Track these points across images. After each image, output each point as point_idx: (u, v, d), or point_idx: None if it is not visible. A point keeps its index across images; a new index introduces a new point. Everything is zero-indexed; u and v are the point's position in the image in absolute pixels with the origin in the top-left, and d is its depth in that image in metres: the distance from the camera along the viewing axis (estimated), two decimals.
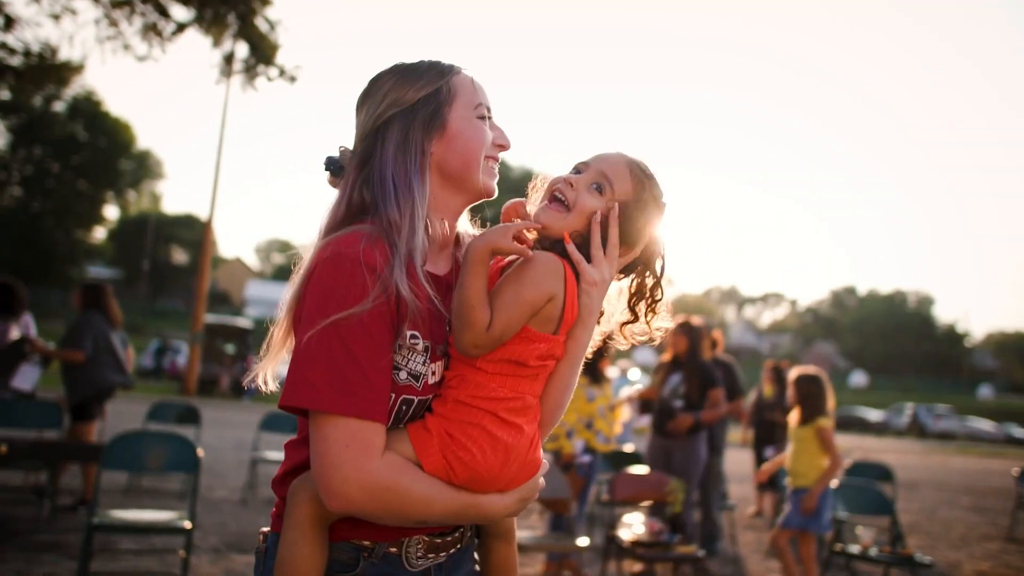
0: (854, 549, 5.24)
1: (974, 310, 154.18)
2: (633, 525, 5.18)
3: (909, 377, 66.96)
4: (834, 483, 5.79)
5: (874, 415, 39.46)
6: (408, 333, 1.30)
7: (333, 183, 1.47)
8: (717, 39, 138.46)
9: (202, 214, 57.94)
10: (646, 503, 5.50)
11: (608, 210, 1.43)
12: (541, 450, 1.44)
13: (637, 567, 6.03)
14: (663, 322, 1.56)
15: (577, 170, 1.47)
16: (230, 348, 26.82)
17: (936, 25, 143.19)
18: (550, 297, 1.34)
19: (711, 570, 6.46)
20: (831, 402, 5.60)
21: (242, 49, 9.39)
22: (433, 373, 1.36)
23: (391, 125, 1.40)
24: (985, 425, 40.15)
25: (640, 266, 1.53)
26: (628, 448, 7.18)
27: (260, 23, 9.03)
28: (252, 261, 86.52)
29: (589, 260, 1.41)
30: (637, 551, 4.80)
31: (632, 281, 1.54)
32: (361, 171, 1.41)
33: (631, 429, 8.78)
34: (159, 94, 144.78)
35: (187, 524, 4.34)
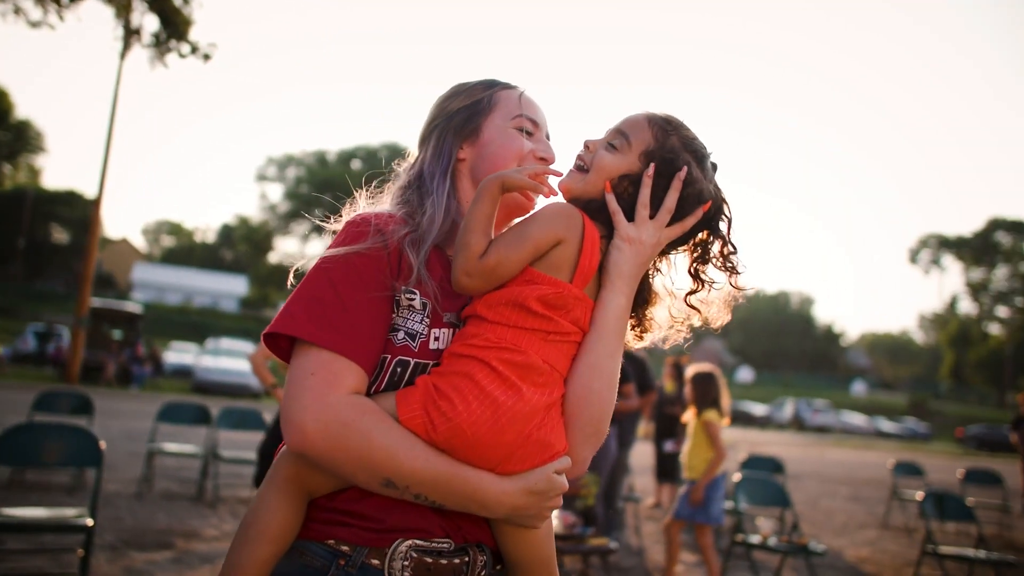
0: (754, 539, 5.50)
1: (850, 311, 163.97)
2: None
3: (790, 373, 70.42)
4: (736, 476, 6.06)
5: (759, 409, 41.33)
6: (404, 288, 1.28)
7: None
8: (712, 39, 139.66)
9: (85, 191, 54.73)
10: None
11: (660, 167, 1.32)
12: (563, 438, 1.26)
13: None
14: (745, 280, 1.39)
15: None
16: (117, 334, 25.52)
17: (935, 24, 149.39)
18: (557, 240, 1.25)
19: (616, 561, 6.63)
20: (726, 399, 5.87)
21: (151, 22, 8.86)
22: (436, 339, 1.29)
23: (434, 133, 1.50)
24: (857, 419, 42.79)
25: (700, 231, 1.38)
26: None
27: None
28: (139, 243, 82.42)
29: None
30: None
31: (694, 247, 1.40)
32: (408, 174, 1.50)
33: None
34: (43, 62, 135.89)
35: (88, 521, 4.13)
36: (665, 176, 1.32)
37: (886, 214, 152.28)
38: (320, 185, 47.22)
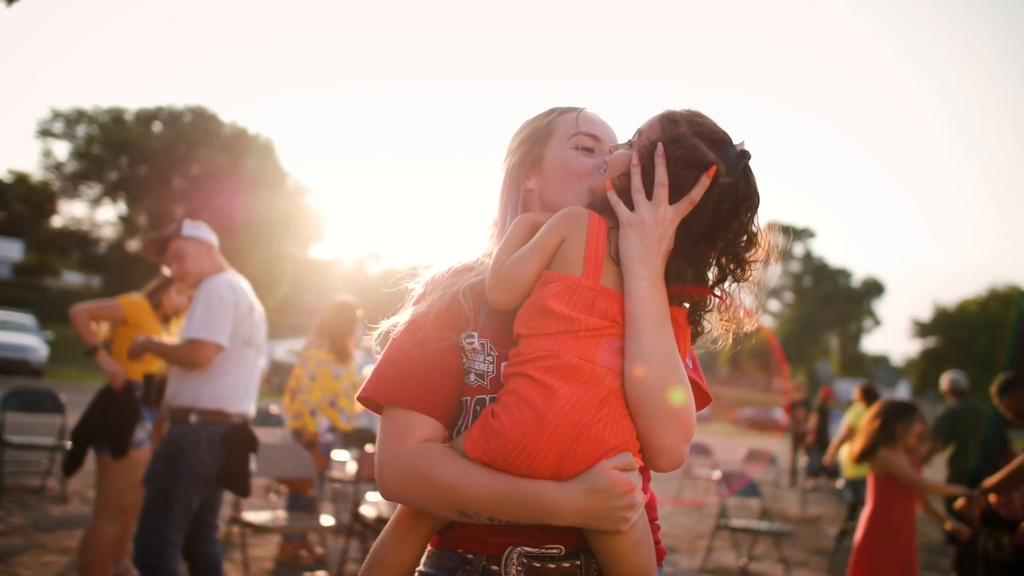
0: None
1: None
2: (378, 503, 5.28)
3: None
4: None
5: None
6: (464, 334, 1.39)
7: None
8: (709, 38, 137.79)
9: None
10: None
11: (641, 152, 1.36)
12: (623, 435, 1.27)
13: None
14: (753, 275, 1.40)
15: None
16: None
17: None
18: (561, 239, 1.33)
19: None
20: None
21: None
22: None
23: (503, 170, 1.58)
24: None
25: (728, 218, 1.35)
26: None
27: None
28: None
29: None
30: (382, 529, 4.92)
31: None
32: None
33: None
34: None
35: None
36: (651, 158, 1.34)
37: None
38: (116, 146, 43.24)
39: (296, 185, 47.78)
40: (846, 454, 7.26)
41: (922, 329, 64.74)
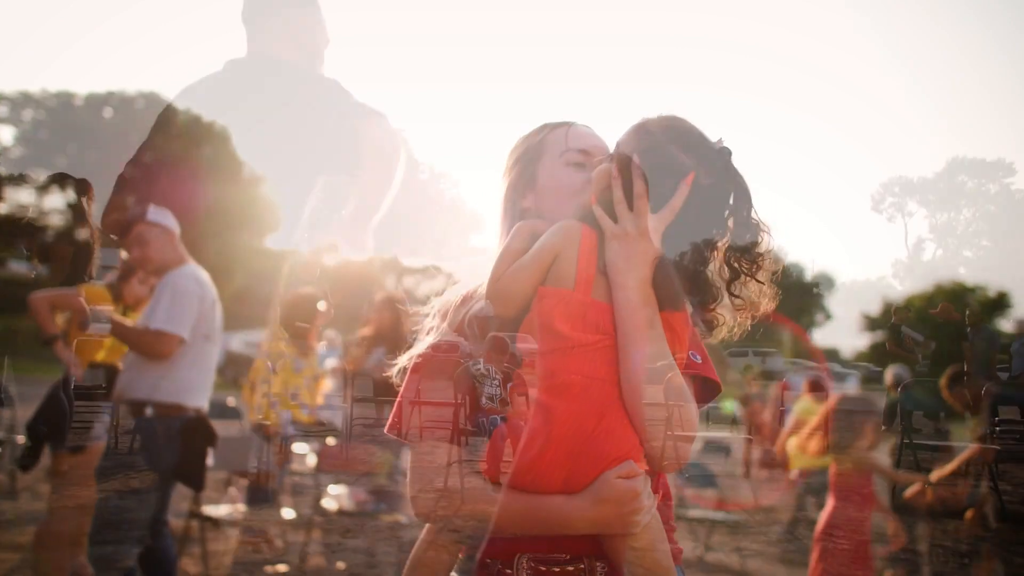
0: None
1: None
2: (339, 496, 5.26)
3: None
4: None
5: None
6: (472, 362, 1.45)
7: None
8: (707, 38, 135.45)
9: None
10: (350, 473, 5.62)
11: (619, 165, 1.38)
12: (624, 444, 1.31)
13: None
14: (764, 275, 1.44)
15: None
16: None
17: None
18: (555, 254, 1.35)
19: (404, 536, 6.77)
20: None
21: None
22: None
23: (501, 190, 1.60)
24: None
25: (719, 218, 1.40)
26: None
27: None
28: None
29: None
30: (344, 521, 4.90)
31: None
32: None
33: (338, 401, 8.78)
34: None
35: None
36: (628, 170, 1.37)
37: None
38: (64, 131, 42.09)
39: (252, 175, 47.09)
40: (794, 446, 7.41)
41: (871, 323, 66.49)
